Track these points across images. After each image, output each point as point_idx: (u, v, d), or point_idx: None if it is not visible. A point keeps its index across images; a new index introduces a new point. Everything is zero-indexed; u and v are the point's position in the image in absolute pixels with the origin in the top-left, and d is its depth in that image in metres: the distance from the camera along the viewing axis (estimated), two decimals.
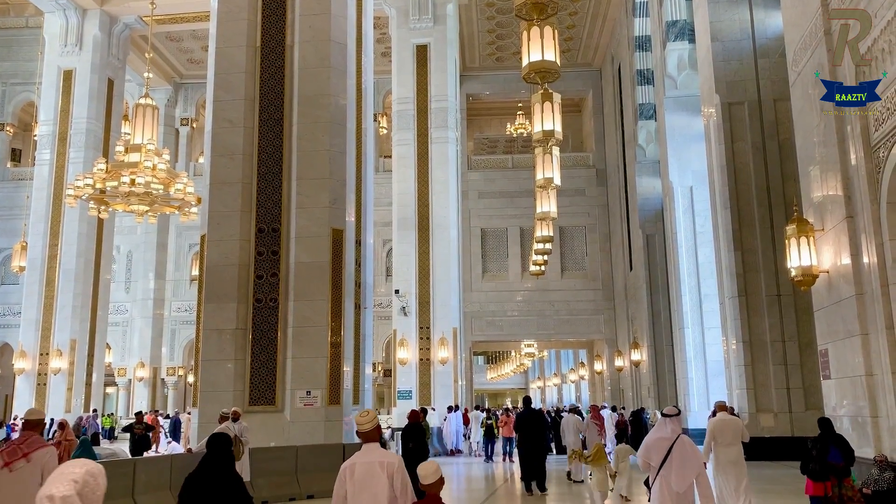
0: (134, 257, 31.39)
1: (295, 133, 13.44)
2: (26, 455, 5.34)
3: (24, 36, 29.08)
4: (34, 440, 5.49)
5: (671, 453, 5.82)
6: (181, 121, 33.07)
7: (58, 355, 23.37)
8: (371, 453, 4.55)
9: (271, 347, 12.71)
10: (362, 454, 4.56)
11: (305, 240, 13.09)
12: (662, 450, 5.88)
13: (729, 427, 8.62)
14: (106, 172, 15.91)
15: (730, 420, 8.73)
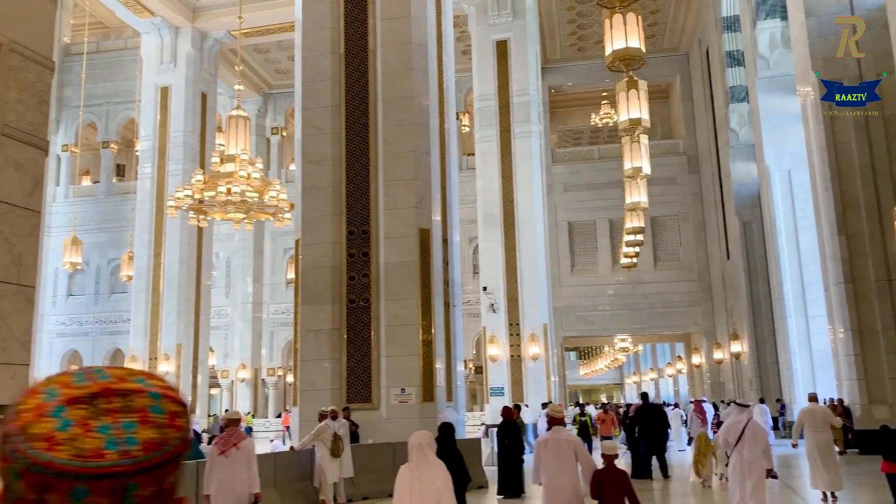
0: (232, 263, 32.64)
1: (380, 136, 13.65)
2: (235, 444, 7.30)
3: (124, 57, 30.70)
4: (237, 433, 7.51)
5: (744, 434, 7.71)
6: (271, 130, 34.14)
7: (165, 359, 24.57)
8: (560, 433, 6.47)
9: (365, 346, 12.96)
10: (553, 433, 6.48)
11: (394, 240, 13.28)
12: (737, 431, 7.80)
13: (817, 414, 10.17)
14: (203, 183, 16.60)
15: (818, 408, 10.15)
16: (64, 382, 0.75)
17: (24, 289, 5.82)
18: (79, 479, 0.69)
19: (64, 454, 0.69)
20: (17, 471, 0.70)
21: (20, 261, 5.80)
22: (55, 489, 0.68)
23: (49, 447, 0.69)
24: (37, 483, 0.69)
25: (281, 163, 33.84)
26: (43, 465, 0.69)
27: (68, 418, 0.71)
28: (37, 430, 0.70)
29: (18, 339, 5.71)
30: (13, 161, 5.81)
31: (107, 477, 0.69)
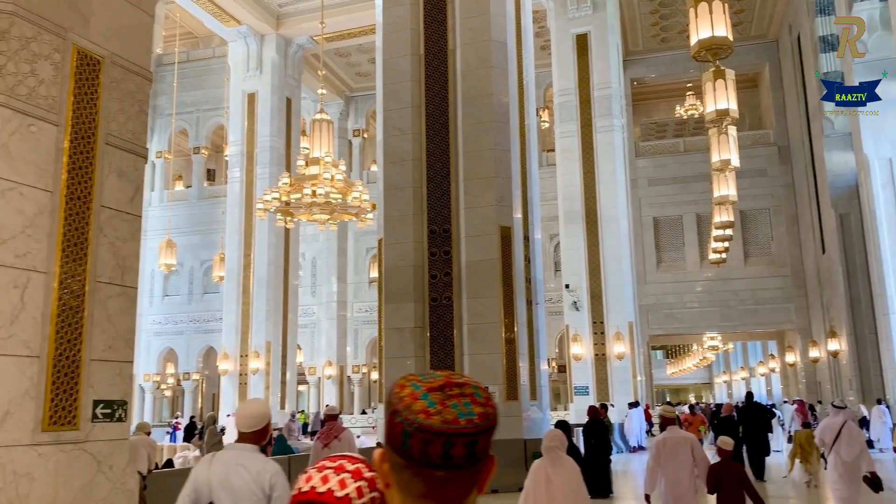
0: (318, 263, 33.41)
1: (460, 135, 13.70)
2: (336, 437, 7.97)
3: (213, 65, 31.88)
4: (337, 426, 8.21)
5: (840, 434, 7.85)
6: (353, 132, 34.75)
7: (255, 357, 25.39)
8: (675, 432, 6.93)
9: (448, 344, 13.04)
10: (669, 433, 6.89)
11: (475, 238, 13.30)
12: (833, 432, 7.94)
13: None
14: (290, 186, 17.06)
15: None
16: (418, 380, 1.16)
17: (127, 290, 6.12)
18: (447, 436, 1.09)
19: (436, 421, 1.09)
20: (409, 432, 1.10)
21: (124, 263, 6.11)
22: (433, 443, 1.09)
23: (427, 417, 1.10)
24: (422, 439, 1.09)
25: (363, 164, 34.41)
26: (426, 428, 1.09)
27: (432, 400, 1.11)
28: (416, 408, 1.11)
29: (123, 337, 6.01)
30: (116, 168, 6.11)
31: (462, 435, 1.10)
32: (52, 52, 5.69)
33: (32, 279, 5.33)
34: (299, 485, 1.46)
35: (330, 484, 1.42)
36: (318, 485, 1.44)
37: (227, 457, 3.71)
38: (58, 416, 5.37)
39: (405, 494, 1.12)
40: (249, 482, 3.51)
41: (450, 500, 1.12)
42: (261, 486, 3.49)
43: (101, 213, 5.91)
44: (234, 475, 3.55)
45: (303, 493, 1.43)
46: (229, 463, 3.64)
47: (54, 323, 5.43)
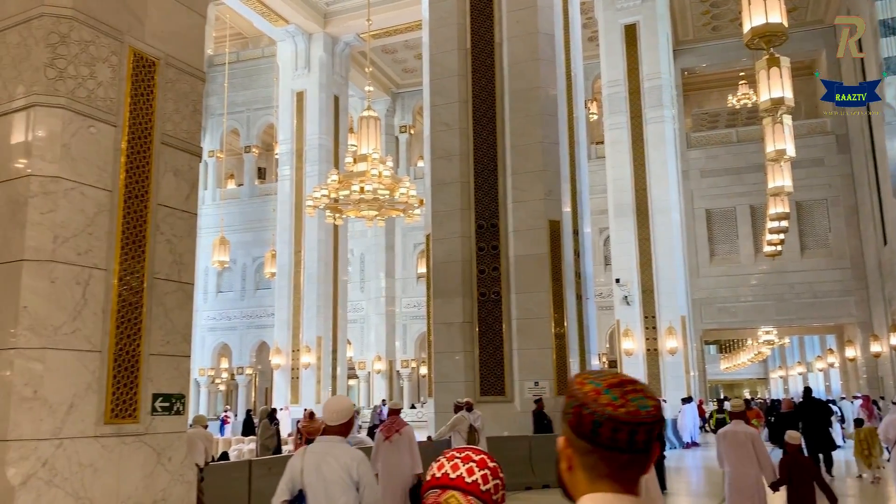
0: (366, 259, 33.70)
1: (507, 128, 13.63)
2: (398, 430, 8.17)
3: (262, 65, 32.36)
4: (399, 420, 8.36)
5: None
6: (400, 128, 34.90)
7: (306, 351, 25.75)
8: (738, 426, 7.14)
9: (497, 339, 13.00)
10: (732, 426, 7.20)
11: (523, 233, 13.22)
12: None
13: None
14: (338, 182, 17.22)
15: None
16: (595, 377, 1.33)
17: (184, 286, 6.25)
18: (633, 425, 1.26)
19: (622, 413, 1.26)
20: (600, 422, 1.27)
21: (180, 260, 6.24)
22: (621, 431, 1.26)
23: (614, 409, 1.26)
24: (611, 428, 1.26)
25: (409, 160, 34.54)
26: (615, 418, 1.26)
27: (614, 395, 1.28)
28: (602, 401, 1.28)
29: (180, 332, 6.14)
30: (172, 167, 6.24)
31: (644, 424, 1.27)
32: (110, 54, 5.84)
33: (94, 276, 5.48)
34: (432, 472, 1.62)
35: (460, 471, 1.59)
36: (449, 472, 1.60)
37: (318, 448, 4.14)
38: (119, 409, 5.52)
39: (591, 475, 1.29)
40: (338, 470, 3.91)
41: (630, 479, 1.30)
42: (349, 473, 3.90)
43: (158, 212, 6.04)
44: (324, 464, 3.96)
45: (436, 478, 1.61)
46: (320, 453, 4.05)
47: (114, 318, 5.58)
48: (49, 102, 5.46)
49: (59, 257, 5.28)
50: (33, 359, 5.10)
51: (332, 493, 3.88)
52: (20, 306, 5.15)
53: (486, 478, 1.58)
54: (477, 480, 1.57)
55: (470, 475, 1.58)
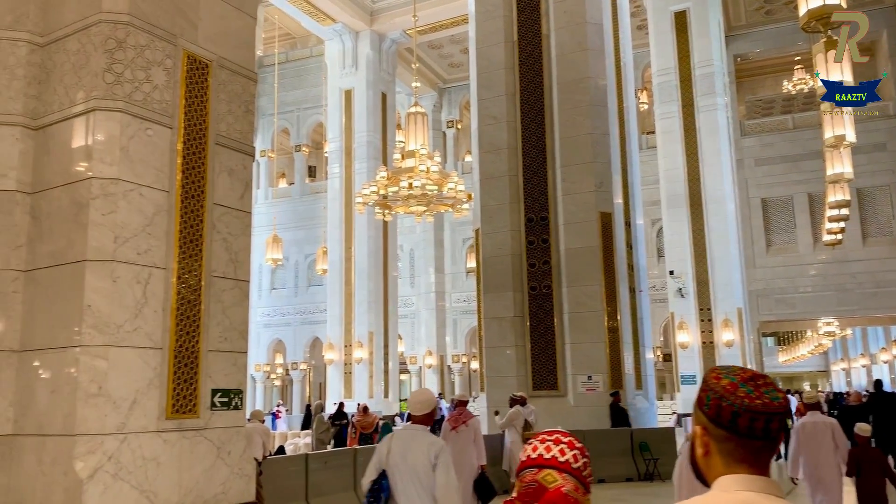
0: (415, 254, 33.84)
1: (556, 120, 13.50)
2: (465, 422, 8.38)
3: (310, 65, 32.74)
4: (466, 412, 8.57)
5: None
6: (447, 123, 34.92)
7: (358, 346, 26.01)
8: (816, 416, 7.18)
9: (549, 333, 12.92)
10: (809, 417, 7.21)
11: (574, 225, 13.09)
12: None
13: None
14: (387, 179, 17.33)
15: None
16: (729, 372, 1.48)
17: (240, 283, 6.37)
18: (768, 415, 1.42)
19: (759, 403, 1.42)
20: (738, 412, 1.42)
21: (236, 258, 6.35)
22: (758, 420, 1.41)
23: (751, 402, 1.42)
24: (749, 418, 1.41)
25: (457, 155, 34.54)
26: (753, 409, 1.42)
27: (749, 388, 1.44)
28: (739, 394, 1.43)
29: (237, 328, 6.26)
30: (226, 167, 6.36)
31: (777, 414, 1.42)
32: (165, 58, 5.97)
33: (153, 275, 5.63)
34: (527, 453, 1.80)
35: (553, 452, 1.76)
36: (543, 452, 1.77)
37: (403, 435, 4.65)
38: (180, 405, 5.66)
39: (728, 459, 1.46)
40: (422, 455, 4.37)
41: (762, 463, 1.45)
42: (430, 457, 4.35)
43: (214, 211, 6.16)
44: (409, 450, 4.44)
45: (532, 459, 1.78)
46: (406, 440, 4.55)
47: (174, 316, 5.71)
48: (108, 107, 5.61)
49: (120, 257, 5.43)
50: (97, 356, 5.26)
51: (416, 475, 4.33)
52: (84, 305, 5.31)
53: (577, 457, 1.77)
54: (569, 459, 1.75)
55: (562, 455, 1.76)
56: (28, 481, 5.27)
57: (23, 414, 5.51)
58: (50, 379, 5.45)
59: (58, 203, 5.67)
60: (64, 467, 5.06)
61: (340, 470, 9.06)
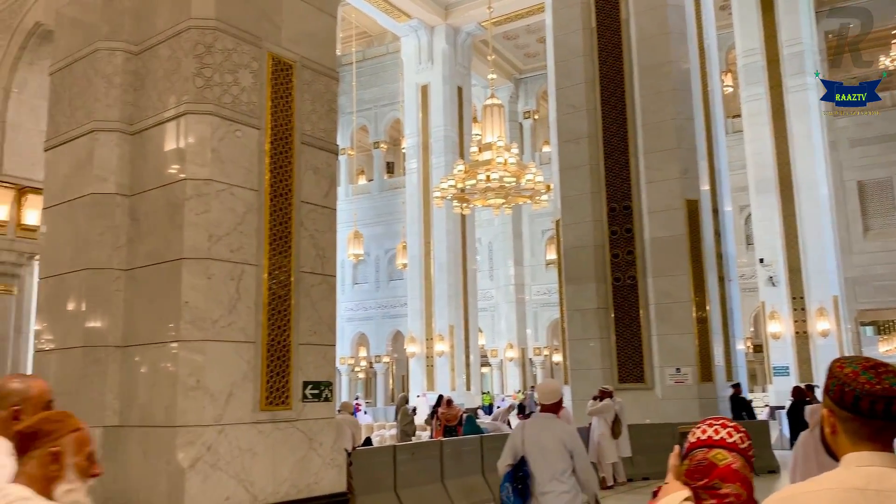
0: (494, 247, 33.79)
1: (638, 107, 13.18)
2: None
3: (387, 62, 33.09)
4: None
5: None
6: (523, 114, 34.67)
7: (439, 340, 26.19)
8: None
9: (635, 325, 12.66)
10: None
11: (659, 214, 12.77)
12: None
13: None
14: (464, 172, 17.35)
15: None
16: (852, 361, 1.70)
17: (327, 278, 6.50)
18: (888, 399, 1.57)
19: (878, 388, 1.58)
20: (860, 396, 1.59)
21: (323, 254, 6.49)
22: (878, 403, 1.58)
23: (872, 386, 1.58)
24: (870, 401, 1.59)
25: (534, 146, 34.26)
26: (872, 393, 1.58)
27: (870, 375, 1.60)
28: (861, 380, 1.61)
29: (326, 322, 6.39)
30: (311, 165, 6.49)
31: None
32: (251, 60, 6.14)
33: (246, 271, 5.80)
34: (696, 435, 1.96)
35: (721, 434, 1.92)
36: (712, 434, 1.93)
37: (535, 423, 4.94)
38: (273, 397, 5.82)
39: (853, 438, 1.62)
40: (554, 441, 4.68)
41: (885, 441, 1.59)
42: (563, 443, 4.67)
43: (301, 208, 6.31)
44: (542, 436, 4.74)
45: (701, 440, 1.93)
46: (538, 427, 4.84)
47: (266, 311, 5.88)
48: (198, 110, 5.81)
49: (214, 255, 5.62)
50: (195, 350, 5.47)
51: (550, 459, 4.64)
52: (181, 302, 5.53)
53: (743, 439, 1.93)
54: (736, 441, 1.92)
55: (730, 437, 1.92)
56: (134, 470, 5.54)
57: (127, 406, 5.79)
58: (151, 373, 5.70)
59: (154, 204, 5.92)
60: (166, 457, 5.29)
61: (428, 461, 9.14)
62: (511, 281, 33.16)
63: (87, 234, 6.03)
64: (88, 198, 6.08)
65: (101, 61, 6.26)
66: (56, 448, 1.87)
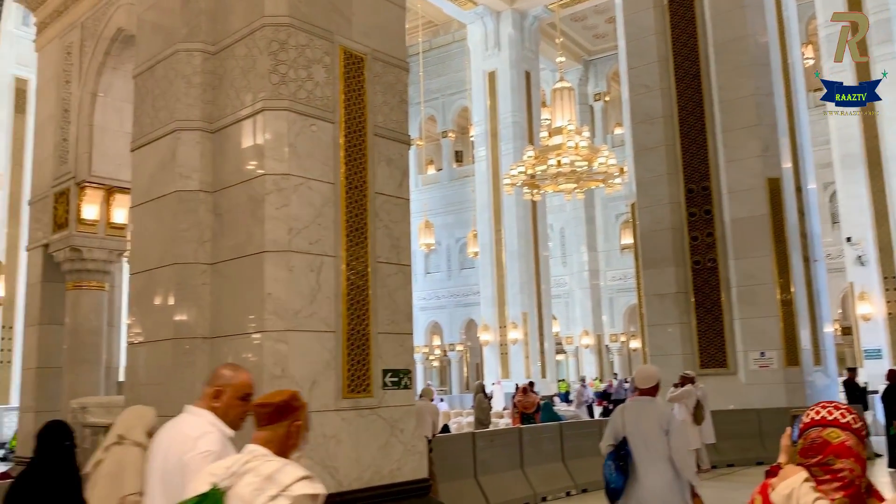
0: (566, 233, 33.44)
1: (714, 84, 12.76)
2: None
3: (453, 50, 33.04)
4: None
5: None
6: (594, 96, 34.09)
7: (513, 327, 26.12)
8: None
9: (716, 309, 12.32)
10: None
11: (739, 194, 12.36)
12: None
13: None
14: (534, 158, 17.19)
15: None
16: None
17: (403, 268, 6.56)
18: None
19: None
20: None
21: (398, 244, 6.55)
22: None
23: None
24: None
25: (606, 128, 33.66)
26: None
27: None
28: None
29: (403, 311, 6.46)
30: (385, 157, 6.55)
31: None
32: (323, 55, 6.22)
33: (325, 263, 5.91)
34: (810, 416, 2.01)
35: (834, 415, 1.98)
36: (826, 415, 1.98)
37: (633, 406, 5.12)
38: (355, 385, 5.93)
39: None
40: (653, 422, 4.89)
41: None
42: (660, 424, 4.87)
43: (376, 200, 6.38)
44: (641, 418, 4.96)
45: (815, 420, 1.99)
46: (637, 410, 5.04)
47: (345, 301, 5.98)
48: (275, 106, 5.94)
49: (294, 247, 5.75)
50: (279, 340, 5.62)
51: (649, 440, 4.85)
52: (265, 293, 5.68)
53: (855, 419, 1.98)
54: (849, 421, 1.97)
55: (843, 417, 1.97)
56: None
57: None
58: (238, 363, 5.88)
59: (236, 200, 6.09)
60: None
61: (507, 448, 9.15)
62: (585, 267, 32.76)
63: (174, 231, 6.26)
64: (173, 195, 6.30)
65: (180, 62, 6.47)
66: (300, 422, 2.38)
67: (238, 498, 2.13)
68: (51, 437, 3.72)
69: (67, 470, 3.65)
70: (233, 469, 2.20)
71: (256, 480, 2.14)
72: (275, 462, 2.20)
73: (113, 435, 3.77)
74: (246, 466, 2.19)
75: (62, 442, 3.68)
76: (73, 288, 10.05)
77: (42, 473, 3.61)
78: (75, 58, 10.13)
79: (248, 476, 2.16)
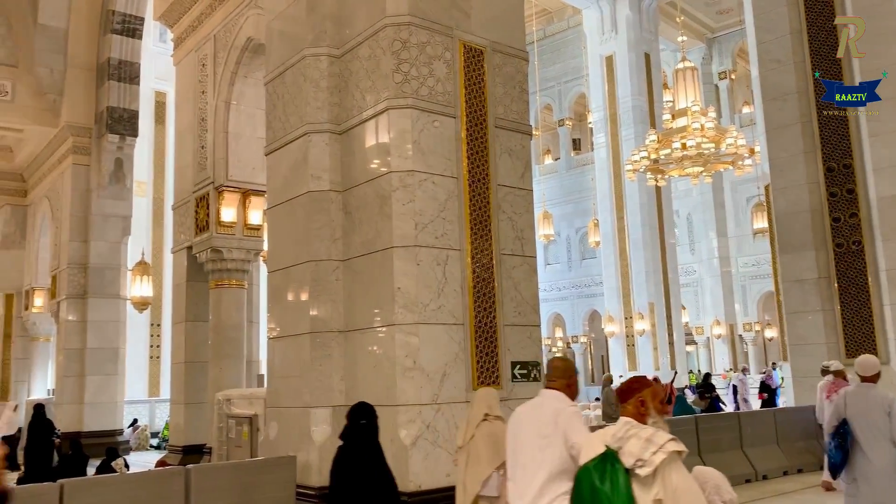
0: (693, 219, 32.20)
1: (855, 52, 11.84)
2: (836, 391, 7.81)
3: (568, 37, 32.50)
4: (842, 383, 8.78)
5: None
6: (718, 75, 32.61)
7: (639, 318, 25.44)
8: None
9: (862, 295, 11.46)
10: None
11: (887, 170, 11.42)
12: None
13: None
14: (657, 142, 16.61)
15: None
16: None
17: (527, 259, 6.55)
18: None
19: None
20: None
21: (521, 235, 6.54)
22: None
23: None
24: None
25: (733, 108, 32.11)
26: None
27: None
28: None
29: (529, 303, 6.45)
30: (506, 148, 6.55)
31: None
32: (444, 51, 6.29)
33: (450, 256, 5.99)
34: None
35: None
36: None
37: (857, 391, 5.50)
38: (484, 376, 5.97)
39: None
40: (877, 406, 5.28)
41: None
42: (884, 408, 5.27)
43: (499, 192, 6.39)
44: (864, 402, 5.34)
45: None
46: (860, 395, 5.42)
47: (471, 293, 6.03)
48: (399, 105, 6.07)
49: (421, 242, 5.86)
50: (410, 333, 5.75)
51: (872, 421, 5.25)
52: (395, 287, 5.82)
53: None
54: None
55: None
56: None
57: (352, 387, 6.22)
58: (371, 355, 6.07)
59: (364, 198, 6.27)
60: (390, 435, 5.62)
61: None
62: (714, 254, 31.45)
63: (307, 230, 6.53)
64: (306, 196, 6.57)
65: (308, 67, 6.73)
66: (641, 397, 3.01)
67: (628, 454, 2.79)
68: (352, 416, 4.51)
69: (366, 441, 4.43)
70: (619, 435, 2.88)
71: (640, 442, 2.79)
72: (649, 428, 2.88)
73: (479, 413, 4.67)
74: (629, 433, 2.85)
75: (359, 420, 4.45)
76: (216, 287, 10.70)
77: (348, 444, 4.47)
78: (209, 69, 10.77)
79: (633, 440, 2.81)
